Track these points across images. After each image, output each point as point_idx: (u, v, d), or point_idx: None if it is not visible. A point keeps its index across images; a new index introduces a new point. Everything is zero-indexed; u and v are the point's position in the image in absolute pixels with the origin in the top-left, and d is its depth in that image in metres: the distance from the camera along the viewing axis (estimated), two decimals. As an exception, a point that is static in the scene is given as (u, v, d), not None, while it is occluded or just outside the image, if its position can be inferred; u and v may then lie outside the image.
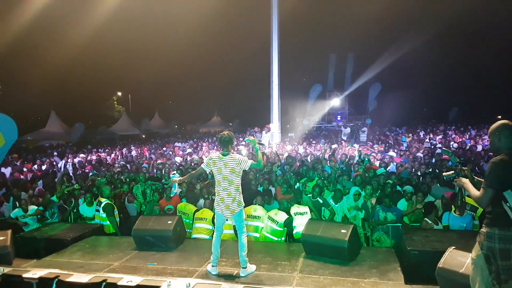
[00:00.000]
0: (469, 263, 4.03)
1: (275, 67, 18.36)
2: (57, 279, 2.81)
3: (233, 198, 4.91)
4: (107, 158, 17.15)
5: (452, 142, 16.69)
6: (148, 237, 6.10)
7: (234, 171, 4.87)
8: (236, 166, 4.86)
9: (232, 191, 4.90)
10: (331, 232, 5.29)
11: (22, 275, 2.87)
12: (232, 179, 4.88)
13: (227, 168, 4.86)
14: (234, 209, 4.91)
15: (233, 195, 4.91)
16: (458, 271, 4.03)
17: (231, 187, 4.90)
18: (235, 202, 4.92)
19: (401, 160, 11.41)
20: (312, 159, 11.54)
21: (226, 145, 4.92)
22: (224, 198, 4.92)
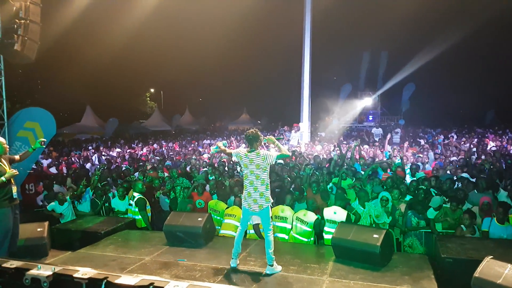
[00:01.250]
0: (508, 274, 3.87)
1: (307, 65, 18.20)
2: (106, 280, 2.90)
3: (261, 193, 4.98)
4: (138, 153, 17.53)
5: (490, 146, 16.04)
6: (179, 233, 6.21)
7: (260, 167, 4.96)
8: (262, 162, 4.95)
9: (258, 186, 4.98)
10: (363, 237, 5.20)
11: (72, 275, 2.97)
12: (258, 174, 4.97)
13: (252, 164, 4.98)
14: (262, 204, 4.98)
15: (260, 190, 4.98)
16: (495, 282, 3.87)
17: (258, 181, 4.98)
18: (263, 198, 4.98)
19: (435, 163, 11.06)
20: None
21: (251, 143, 5.04)
22: (251, 192, 5.01)
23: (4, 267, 3.28)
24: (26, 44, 8.48)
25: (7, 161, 5.48)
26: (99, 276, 2.94)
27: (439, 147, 14.88)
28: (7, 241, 5.29)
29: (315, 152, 14.20)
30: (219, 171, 10.03)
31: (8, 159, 5.55)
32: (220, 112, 48.99)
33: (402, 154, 12.09)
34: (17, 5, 8.47)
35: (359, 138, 19.69)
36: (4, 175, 5.21)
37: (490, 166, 9.98)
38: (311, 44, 18.22)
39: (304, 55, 18.25)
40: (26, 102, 27.22)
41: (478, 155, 12.66)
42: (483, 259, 4.19)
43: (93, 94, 36.81)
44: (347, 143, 17.36)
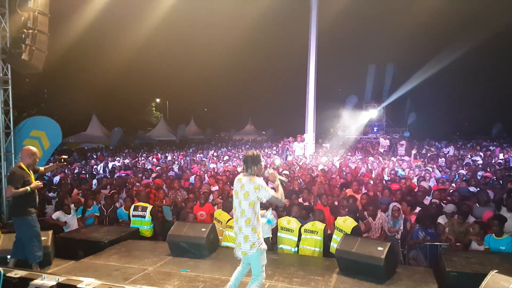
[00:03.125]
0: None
1: (312, 77, 18.26)
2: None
3: (245, 236, 4.02)
4: (145, 163, 17.58)
5: (496, 159, 15.95)
6: (183, 244, 6.19)
7: (248, 198, 3.99)
8: (253, 192, 3.99)
9: (243, 226, 4.05)
10: (367, 249, 5.16)
11: (76, 285, 2.97)
12: (244, 208, 4.03)
13: (242, 192, 4.05)
14: (246, 250, 4.04)
15: (245, 232, 4.03)
16: (501, 297, 3.83)
17: (242, 219, 4.05)
18: (247, 243, 4.02)
19: (441, 176, 11.00)
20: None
21: (248, 165, 4.11)
22: (236, 233, 4.14)
23: (9, 277, 3.30)
24: (34, 54, 8.59)
25: (32, 171, 5.61)
26: (102, 287, 2.94)
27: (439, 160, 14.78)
28: (35, 245, 5.40)
29: (320, 163, 14.17)
30: (223, 181, 10.03)
31: (33, 169, 5.66)
32: (225, 122, 49.22)
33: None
34: (26, 15, 8.59)
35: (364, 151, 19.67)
36: (30, 186, 5.34)
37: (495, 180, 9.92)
38: (316, 55, 18.31)
39: (309, 66, 18.33)
40: (32, 111, 27.54)
41: (484, 169, 12.58)
42: (488, 273, 4.14)
43: (99, 103, 37.15)
44: (352, 155, 17.34)
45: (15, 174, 5.34)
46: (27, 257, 5.43)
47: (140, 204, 7.75)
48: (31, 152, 5.54)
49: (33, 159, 5.54)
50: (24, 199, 5.34)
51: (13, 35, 8.79)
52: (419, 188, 8.88)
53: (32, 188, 5.37)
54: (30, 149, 5.58)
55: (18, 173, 5.35)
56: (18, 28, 8.66)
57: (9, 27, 8.88)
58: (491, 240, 5.86)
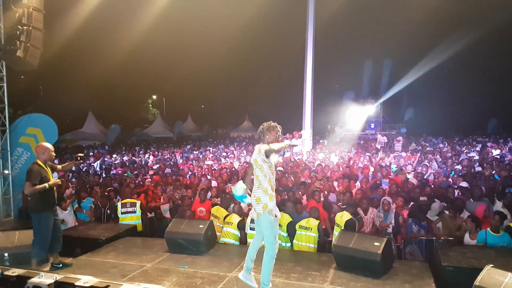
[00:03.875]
0: (508, 282, 3.86)
1: (309, 73, 18.23)
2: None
3: (257, 198, 4.26)
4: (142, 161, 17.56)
5: (491, 154, 16.01)
6: (180, 240, 6.20)
7: (257, 163, 4.25)
8: (258, 155, 4.26)
9: (255, 188, 4.29)
10: (364, 245, 5.19)
11: (74, 283, 2.97)
12: (258, 174, 4.27)
13: (253, 161, 4.35)
14: (259, 212, 4.25)
15: (257, 194, 4.27)
16: (495, 291, 3.86)
17: (256, 182, 4.29)
18: (259, 204, 4.24)
19: (439, 171, 11.05)
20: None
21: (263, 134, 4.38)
22: (252, 199, 4.37)
23: (6, 275, 3.28)
24: (29, 50, 8.52)
25: (50, 168, 5.65)
26: (101, 285, 2.94)
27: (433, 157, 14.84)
28: (41, 243, 5.47)
29: (317, 160, 14.19)
30: (222, 178, 10.04)
31: (50, 166, 5.71)
32: (222, 119, 49.15)
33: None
34: (20, 12, 8.51)
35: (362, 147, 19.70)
36: (49, 183, 5.40)
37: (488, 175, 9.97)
38: (313, 51, 18.27)
39: (306, 62, 18.30)
40: (28, 108, 27.35)
41: (480, 164, 12.63)
42: (483, 267, 4.18)
43: (95, 100, 37.00)
44: (349, 152, 17.36)
45: (32, 170, 5.36)
46: (32, 251, 5.49)
47: (127, 201, 7.83)
48: (44, 148, 5.58)
49: (47, 155, 5.57)
50: (42, 196, 5.40)
51: (8, 32, 8.72)
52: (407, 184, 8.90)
53: (50, 185, 5.43)
54: (43, 145, 5.62)
55: (35, 169, 5.37)
56: (12, 24, 8.59)
57: (4, 24, 8.81)
58: (488, 235, 5.88)
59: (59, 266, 5.54)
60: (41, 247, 5.47)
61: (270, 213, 4.25)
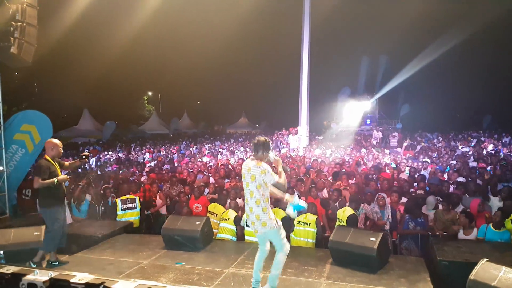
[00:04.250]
0: (502, 276, 3.90)
1: (305, 69, 18.21)
2: (103, 286, 2.89)
3: (257, 216, 4.21)
4: (137, 157, 17.52)
5: (486, 150, 16.11)
6: (177, 237, 6.20)
7: (255, 181, 4.16)
8: (259, 176, 4.15)
9: (254, 207, 4.21)
10: (360, 240, 5.22)
11: (69, 280, 2.96)
12: (252, 190, 4.19)
13: (248, 175, 4.21)
14: (258, 229, 4.24)
15: (256, 212, 4.20)
16: (490, 284, 3.92)
17: (252, 200, 4.21)
18: (259, 221, 4.21)
19: (435, 167, 11.10)
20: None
21: (257, 150, 4.28)
22: (248, 213, 4.33)
23: (1, 273, 3.27)
24: (23, 47, 8.44)
25: (58, 164, 5.70)
26: (96, 281, 2.94)
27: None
28: (52, 237, 5.51)
29: (313, 156, 14.22)
30: (219, 174, 10.05)
31: (58, 162, 5.75)
32: (219, 116, 49.05)
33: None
34: (14, 8, 8.41)
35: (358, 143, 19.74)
36: (58, 178, 5.46)
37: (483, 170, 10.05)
38: (309, 48, 18.24)
39: (302, 59, 18.26)
40: (22, 105, 27.18)
41: (475, 159, 12.71)
42: (478, 261, 4.21)
43: (90, 97, 36.81)
44: (345, 148, 17.41)
45: (41, 165, 5.42)
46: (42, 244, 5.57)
47: (127, 197, 7.84)
48: (53, 144, 5.62)
49: (56, 151, 5.61)
50: (51, 191, 5.45)
51: (1, 28, 8.62)
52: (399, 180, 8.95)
53: (59, 180, 5.48)
54: (52, 141, 5.67)
55: (44, 164, 5.43)
56: (6, 20, 8.47)
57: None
58: (488, 231, 5.91)
59: (55, 263, 5.53)
60: (51, 240, 5.53)
61: (271, 228, 4.24)
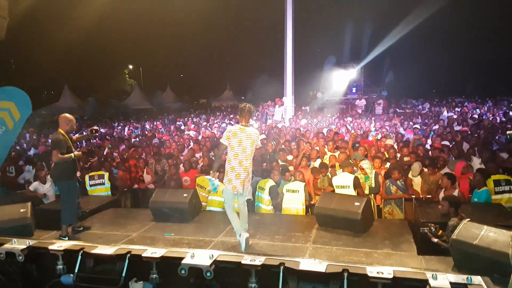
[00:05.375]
0: (484, 235, 4.04)
1: (289, 39, 17.95)
2: (82, 251, 2.89)
3: (248, 173, 4.88)
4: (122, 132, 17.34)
5: (470, 114, 16.36)
6: (165, 209, 6.24)
7: (254, 145, 4.84)
8: (257, 139, 4.89)
9: (248, 166, 4.84)
10: (345, 205, 5.34)
11: (48, 247, 2.95)
12: (249, 153, 4.81)
13: (248, 140, 4.77)
14: (247, 185, 4.95)
15: (249, 170, 4.87)
16: (471, 243, 4.03)
17: (248, 161, 4.82)
18: (249, 177, 4.93)
19: (418, 132, 11.27)
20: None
21: (246, 117, 4.86)
22: (240, 173, 4.78)
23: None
24: (-6, 21, 8.11)
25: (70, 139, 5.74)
26: (75, 247, 2.94)
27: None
28: (69, 209, 5.65)
29: (300, 126, 14.26)
30: (206, 147, 10.02)
31: (70, 137, 5.77)
32: (203, 89, 48.41)
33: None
34: (-20, -21, 8.03)
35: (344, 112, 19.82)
36: (74, 153, 5.58)
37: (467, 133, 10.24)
38: (293, 16, 17.90)
39: (286, 28, 17.97)
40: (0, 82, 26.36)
41: (459, 124, 12.92)
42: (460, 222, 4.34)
43: (70, 73, 35.80)
44: (331, 116, 17.48)
45: (60, 139, 5.46)
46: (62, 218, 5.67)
47: (95, 173, 7.90)
48: (67, 119, 5.65)
49: (70, 126, 5.67)
50: (67, 165, 5.53)
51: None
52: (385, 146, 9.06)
53: (75, 156, 5.62)
54: (66, 116, 5.69)
55: (62, 138, 5.48)
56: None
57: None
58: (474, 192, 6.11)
59: (80, 229, 5.83)
60: (71, 213, 5.67)
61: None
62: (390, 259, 4.47)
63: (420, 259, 4.44)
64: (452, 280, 2.21)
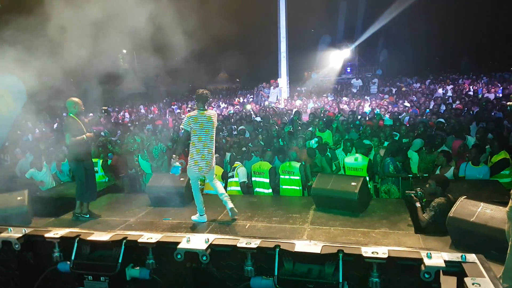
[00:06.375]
0: (480, 212, 4.06)
1: (283, 19, 17.75)
2: (78, 238, 2.89)
3: (213, 154, 5.19)
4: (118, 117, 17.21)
5: (465, 91, 16.34)
6: (162, 194, 6.22)
7: (215, 125, 5.12)
8: (215, 119, 5.17)
9: (212, 147, 5.13)
10: (341, 185, 5.34)
11: (44, 235, 2.95)
12: (212, 134, 5.09)
13: (209, 122, 5.04)
14: (213, 165, 5.25)
15: (213, 150, 5.16)
16: (468, 220, 4.06)
17: (212, 142, 5.12)
18: (213, 157, 5.23)
19: (411, 111, 11.25)
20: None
21: (204, 101, 5.07)
22: (205, 155, 5.06)
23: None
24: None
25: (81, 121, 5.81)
26: (71, 235, 2.93)
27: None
28: (83, 188, 5.79)
29: (295, 107, 14.21)
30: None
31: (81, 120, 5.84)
32: (197, 72, 47.91)
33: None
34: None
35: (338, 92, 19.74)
36: (86, 134, 5.67)
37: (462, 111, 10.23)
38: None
39: (279, 8, 17.73)
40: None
41: (453, 101, 12.91)
42: (457, 200, 4.34)
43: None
44: (327, 96, 17.41)
45: (71, 123, 5.58)
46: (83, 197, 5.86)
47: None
48: (75, 102, 5.69)
49: (78, 108, 5.70)
50: (81, 147, 5.64)
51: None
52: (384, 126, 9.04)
53: (87, 137, 5.71)
54: (73, 100, 5.72)
55: (72, 122, 5.60)
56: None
57: None
58: (468, 168, 6.09)
59: (86, 216, 5.86)
60: (85, 191, 5.82)
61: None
62: (387, 238, 4.49)
63: (418, 237, 4.47)
64: (446, 259, 2.22)
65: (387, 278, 2.37)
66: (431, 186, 4.80)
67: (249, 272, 2.57)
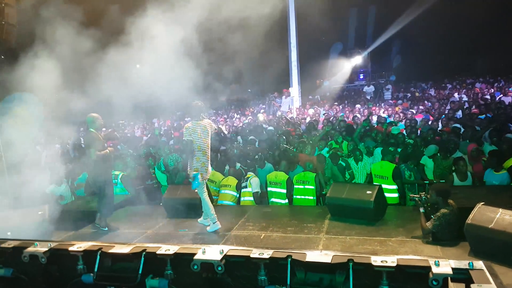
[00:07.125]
0: (499, 218, 3.97)
1: (293, 28, 17.82)
2: (100, 251, 3.00)
3: (209, 159, 5.48)
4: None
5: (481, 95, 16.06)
6: (178, 205, 6.30)
7: (210, 133, 5.44)
8: (210, 127, 5.47)
9: (209, 154, 5.44)
10: (357, 194, 5.33)
11: (68, 249, 3.06)
12: (209, 141, 5.42)
13: (205, 131, 5.36)
14: (210, 169, 5.58)
15: (209, 157, 5.46)
16: (487, 227, 3.97)
17: (209, 149, 5.43)
18: (209, 162, 5.49)
19: (422, 117, 11.14)
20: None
21: (198, 112, 5.40)
22: (205, 162, 5.37)
23: (3, 247, 3.36)
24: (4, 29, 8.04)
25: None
26: (94, 248, 3.03)
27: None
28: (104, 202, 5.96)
29: (307, 116, 14.20)
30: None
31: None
32: (209, 82, 48.25)
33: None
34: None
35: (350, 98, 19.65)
36: (108, 149, 5.92)
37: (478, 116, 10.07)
38: (295, 4, 17.74)
39: (289, 17, 17.82)
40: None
41: (470, 106, 12.70)
42: (474, 206, 4.25)
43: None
44: (338, 105, 17.35)
45: (94, 138, 5.74)
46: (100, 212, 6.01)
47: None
48: (95, 117, 5.86)
49: (98, 123, 5.90)
50: (104, 161, 5.82)
51: None
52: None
53: (110, 152, 5.95)
54: (92, 115, 5.88)
55: (96, 137, 5.76)
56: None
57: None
58: (489, 174, 6.03)
59: (104, 229, 5.97)
60: (106, 205, 5.99)
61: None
62: (404, 246, 4.46)
63: (436, 245, 4.42)
64: (454, 266, 2.24)
65: (396, 286, 2.40)
66: (432, 196, 4.67)
67: (262, 282, 2.63)
